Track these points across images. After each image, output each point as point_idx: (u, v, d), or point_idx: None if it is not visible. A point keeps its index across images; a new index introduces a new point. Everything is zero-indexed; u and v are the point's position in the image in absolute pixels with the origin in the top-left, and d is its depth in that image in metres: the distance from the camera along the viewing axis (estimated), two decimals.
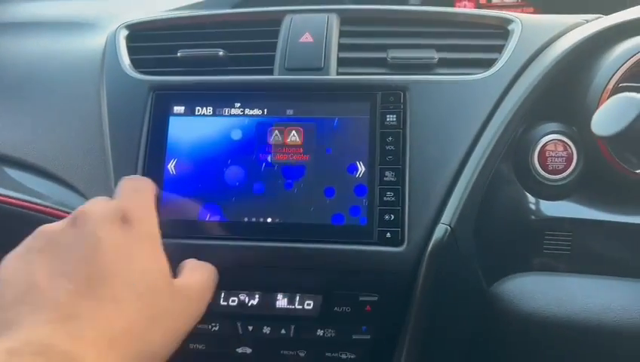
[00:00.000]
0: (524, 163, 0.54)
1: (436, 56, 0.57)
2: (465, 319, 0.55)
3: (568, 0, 0.79)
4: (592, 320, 0.52)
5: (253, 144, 0.55)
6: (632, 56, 0.52)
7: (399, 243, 0.51)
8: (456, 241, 0.50)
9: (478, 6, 0.91)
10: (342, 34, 0.60)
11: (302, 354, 0.56)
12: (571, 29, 0.60)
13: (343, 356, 0.55)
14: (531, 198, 0.55)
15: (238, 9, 0.69)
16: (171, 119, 0.57)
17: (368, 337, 0.54)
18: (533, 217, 0.55)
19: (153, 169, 0.56)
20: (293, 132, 0.55)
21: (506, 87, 0.55)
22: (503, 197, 0.54)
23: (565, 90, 0.55)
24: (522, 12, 0.90)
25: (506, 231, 0.54)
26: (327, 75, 0.57)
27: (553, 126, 0.54)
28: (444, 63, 0.57)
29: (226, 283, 0.55)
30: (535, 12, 0.91)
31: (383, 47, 0.59)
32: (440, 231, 0.50)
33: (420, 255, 0.51)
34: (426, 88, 0.55)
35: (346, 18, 0.61)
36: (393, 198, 0.52)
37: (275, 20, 0.61)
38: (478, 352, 0.57)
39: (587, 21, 0.61)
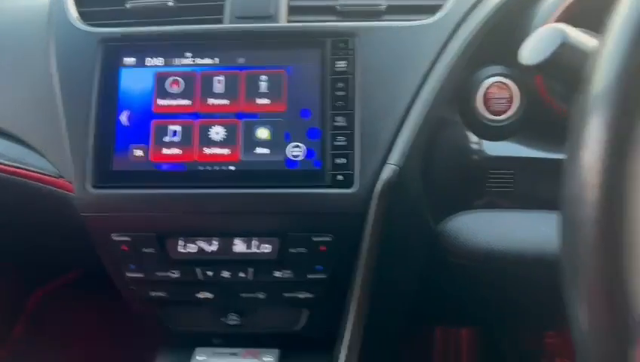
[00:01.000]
0: (469, 105, 0.56)
1: (384, 2, 0.58)
2: (413, 256, 0.58)
3: None
4: (532, 252, 0.56)
5: (204, 93, 0.56)
6: None
7: (350, 185, 0.53)
8: (404, 181, 0.53)
9: None
10: None
11: (261, 296, 0.58)
12: None
13: (301, 295, 0.58)
14: (475, 139, 0.57)
15: None
16: (122, 71, 0.57)
17: (324, 276, 0.57)
18: (476, 157, 0.57)
19: (105, 121, 0.56)
20: (247, 80, 0.56)
21: (450, 32, 0.56)
22: (449, 139, 0.57)
23: (507, 34, 0.58)
24: None
25: (451, 172, 0.57)
26: (277, 22, 0.58)
27: (496, 69, 0.57)
28: (393, 10, 0.59)
29: (184, 230, 0.57)
30: None
31: None
32: (387, 171, 0.52)
33: (370, 195, 0.53)
34: (375, 34, 0.56)
35: None
36: (344, 142, 0.54)
37: None
38: (427, 286, 0.60)
39: None
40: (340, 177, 0.54)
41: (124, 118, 0.56)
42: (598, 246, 0.25)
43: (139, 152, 0.55)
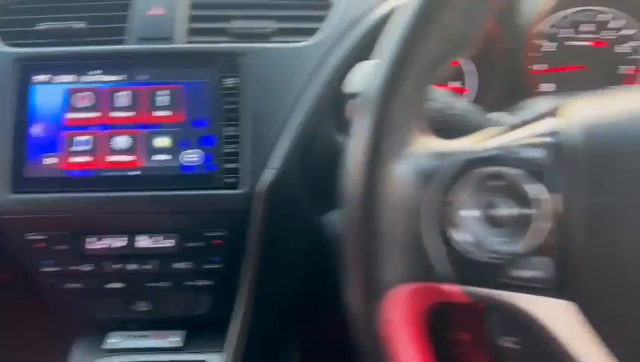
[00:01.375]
0: (342, 114, 0.65)
1: (271, 26, 0.66)
2: (297, 246, 0.67)
3: None
4: None
5: (110, 107, 0.63)
6: None
7: (239, 187, 0.62)
8: (283, 182, 0.61)
9: None
10: (194, 6, 0.68)
11: (165, 285, 0.66)
12: None
13: (200, 283, 0.66)
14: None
15: None
16: (35, 87, 0.64)
17: (220, 266, 0.65)
18: None
19: (18, 134, 0.62)
20: (148, 95, 0.64)
21: (325, 52, 0.65)
22: (325, 144, 0.65)
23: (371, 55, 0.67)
24: None
25: (328, 171, 0.66)
26: (175, 43, 0.65)
27: None
28: (279, 33, 0.67)
29: (94, 229, 0.64)
30: None
31: (228, 18, 0.67)
32: (268, 174, 0.61)
33: (256, 197, 0.61)
34: (261, 54, 0.64)
35: None
36: (234, 149, 0.62)
37: None
38: (312, 275, 0.69)
39: None
40: (229, 180, 0.62)
41: (36, 130, 0.62)
42: (352, 230, 0.34)
43: (50, 161, 0.62)
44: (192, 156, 0.62)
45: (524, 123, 0.37)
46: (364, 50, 0.65)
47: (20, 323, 0.83)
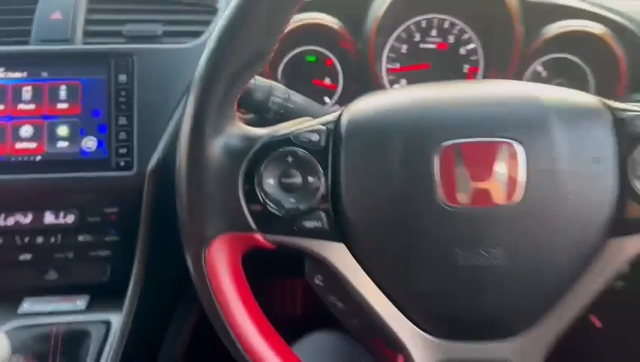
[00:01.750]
0: None
1: (160, 29, 0.76)
2: None
3: None
4: None
5: (15, 101, 0.72)
6: None
7: (130, 169, 0.72)
8: (167, 164, 0.72)
9: None
10: (89, 11, 0.77)
11: (70, 255, 0.76)
12: None
13: (102, 253, 0.76)
14: None
15: None
16: None
17: (117, 238, 0.75)
18: None
19: None
20: (49, 90, 0.72)
21: None
22: None
23: None
24: None
25: None
26: (73, 44, 0.74)
27: None
28: (168, 34, 0.77)
29: (3, 207, 0.73)
30: None
31: (123, 22, 0.77)
32: (154, 157, 0.71)
33: (145, 177, 0.72)
34: (150, 54, 0.74)
35: None
36: (125, 137, 0.72)
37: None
38: None
39: None
40: (122, 163, 0.72)
41: None
42: (181, 193, 0.45)
43: None
44: (89, 143, 0.72)
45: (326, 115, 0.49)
46: None
47: None
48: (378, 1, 0.74)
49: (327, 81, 0.83)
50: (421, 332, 0.47)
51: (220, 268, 0.46)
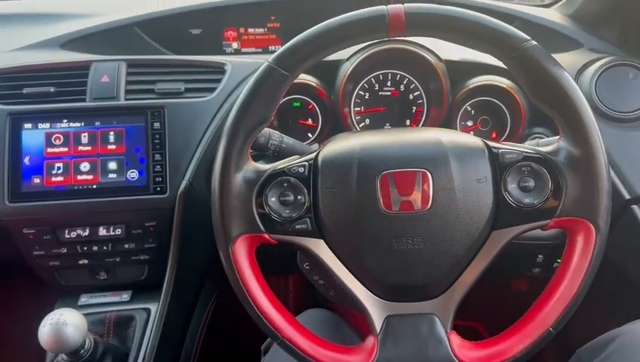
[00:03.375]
0: None
1: (183, 86, 1.01)
2: (206, 237, 1.01)
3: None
4: None
5: (75, 144, 0.95)
6: None
7: (165, 193, 0.96)
8: (193, 190, 0.96)
9: (239, 36, 1.36)
10: (129, 74, 1.01)
11: (118, 259, 0.99)
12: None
13: (142, 257, 1.00)
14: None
15: (60, 60, 1.05)
16: (23, 132, 0.95)
17: (154, 245, 0.99)
18: None
19: (15, 164, 0.94)
20: (102, 135, 0.96)
21: (221, 103, 1.00)
22: None
23: None
24: (268, 39, 1.36)
25: None
26: (118, 100, 0.98)
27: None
28: (189, 91, 1.02)
29: (67, 224, 0.96)
30: (277, 38, 1.38)
31: (154, 82, 1.01)
32: (183, 184, 0.96)
33: (176, 198, 0.96)
34: (176, 106, 0.99)
35: (131, 64, 1.02)
36: (160, 169, 0.96)
37: (85, 67, 1.01)
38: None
39: None
40: (158, 188, 0.96)
41: (26, 160, 0.94)
42: (214, 207, 0.69)
43: (37, 180, 0.94)
44: (132, 174, 0.96)
45: (309, 153, 0.74)
46: None
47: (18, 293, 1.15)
48: (345, 66, 1.01)
49: (310, 121, 1.09)
50: (374, 296, 0.72)
51: (242, 258, 0.70)
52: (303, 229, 0.71)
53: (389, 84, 1.07)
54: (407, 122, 1.08)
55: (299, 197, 0.71)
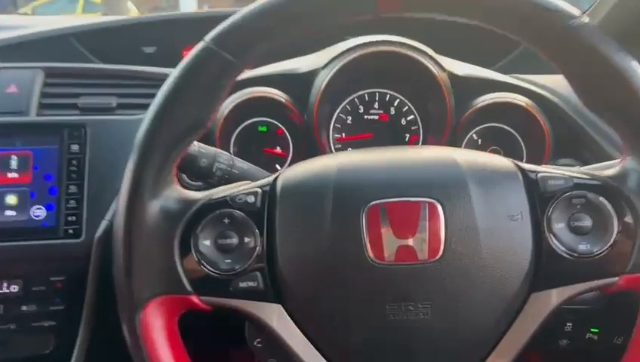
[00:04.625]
0: None
1: (115, 101, 0.80)
2: None
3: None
4: None
5: None
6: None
7: (79, 236, 0.72)
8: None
9: None
10: (45, 85, 0.80)
11: (13, 327, 0.74)
12: None
13: (46, 324, 0.74)
14: None
15: None
16: None
17: (63, 307, 0.74)
18: None
19: None
20: (0, 160, 0.74)
21: None
22: None
23: None
24: None
25: None
26: (27, 116, 0.76)
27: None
28: (122, 107, 0.80)
29: None
30: None
31: (77, 95, 0.80)
32: (104, 225, 0.72)
33: (92, 245, 0.72)
34: (102, 125, 0.77)
35: (50, 73, 0.81)
36: (75, 205, 0.73)
37: None
38: None
39: None
40: (70, 231, 0.72)
41: None
42: (116, 254, 0.46)
43: None
44: (38, 211, 0.72)
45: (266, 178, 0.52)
46: None
47: None
48: (319, 78, 0.80)
49: (278, 149, 0.87)
50: None
51: (155, 331, 0.47)
52: (251, 289, 0.47)
53: (376, 105, 0.86)
54: None
55: (246, 239, 0.48)
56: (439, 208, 0.46)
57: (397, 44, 0.79)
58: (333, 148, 0.86)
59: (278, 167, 0.87)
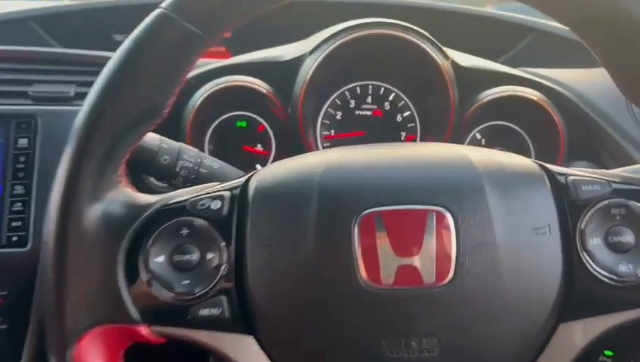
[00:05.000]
0: None
1: (73, 90, 0.70)
2: None
3: (256, 39, 0.97)
4: None
5: None
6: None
7: (25, 245, 0.62)
8: None
9: None
10: None
11: None
12: None
13: None
14: None
15: None
16: None
17: (5, 326, 0.64)
18: None
19: None
20: None
21: None
22: None
23: None
24: (216, 51, 1.08)
25: None
26: None
27: None
28: (82, 96, 0.70)
29: None
30: (226, 51, 1.10)
31: (30, 83, 0.70)
32: None
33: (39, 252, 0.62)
34: (56, 117, 0.67)
35: None
36: (21, 208, 0.63)
37: None
38: None
39: None
40: (14, 238, 0.63)
41: None
42: (47, 275, 0.36)
43: None
44: None
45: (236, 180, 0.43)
46: None
47: None
48: (305, 65, 0.71)
49: (259, 147, 0.78)
50: None
51: None
52: (214, 317, 0.38)
53: (369, 100, 0.78)
54: None
55: (209, 255, 0.39)
56: (449, 218, 0.37)
57: (393, 26, 0.69)
58: (321, 146, 0.78)
59: (259, 167, 0.78)
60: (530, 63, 0.84)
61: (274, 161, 0.76)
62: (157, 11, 0.38)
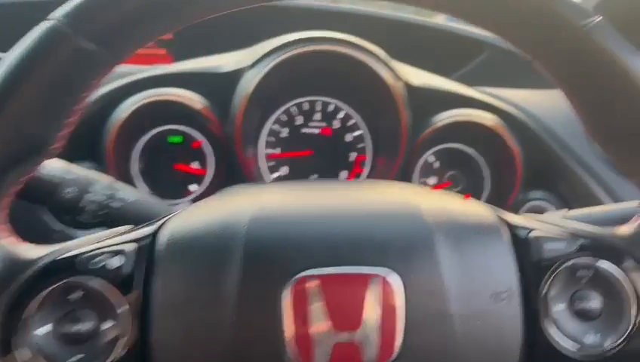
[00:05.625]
0: None
1: None
2: None
3: (202, 41, 0.89)
4: None
5: None
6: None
7: None
8: None
9: None
10: None
11: None
12: None
13: None
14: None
15: None
16: None
17: None
18: None
19: None
20: None
21: None
22: None
23: None
24: (155, 54, 0.99)
25: None
26: None
27: None
28: None
29: None
30: (167, 55, 1.02)
31: None
32: None
33: None
34: None
35: None
36: None
37: None
38: None
39: None
40: None
41: None
42: None
43: None
44: None
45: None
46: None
47: None
48: (246, 79, 0.64)
49: (195, 165, 0.71)
50: None
51: None
52: None
53: (317, 117, 0.72)
54: (344, 175, 0.73)
55: (106, 324, 0.31)
56: (395, 284, 0.31)
57: (342, 43, 0.64)
58: (265, 165, 0.71)
59: (193, 188, 0.71)
60: (486, 80, 0.81)
61: (212, 181, 0.70)
62: (45, 24, 0.31)
